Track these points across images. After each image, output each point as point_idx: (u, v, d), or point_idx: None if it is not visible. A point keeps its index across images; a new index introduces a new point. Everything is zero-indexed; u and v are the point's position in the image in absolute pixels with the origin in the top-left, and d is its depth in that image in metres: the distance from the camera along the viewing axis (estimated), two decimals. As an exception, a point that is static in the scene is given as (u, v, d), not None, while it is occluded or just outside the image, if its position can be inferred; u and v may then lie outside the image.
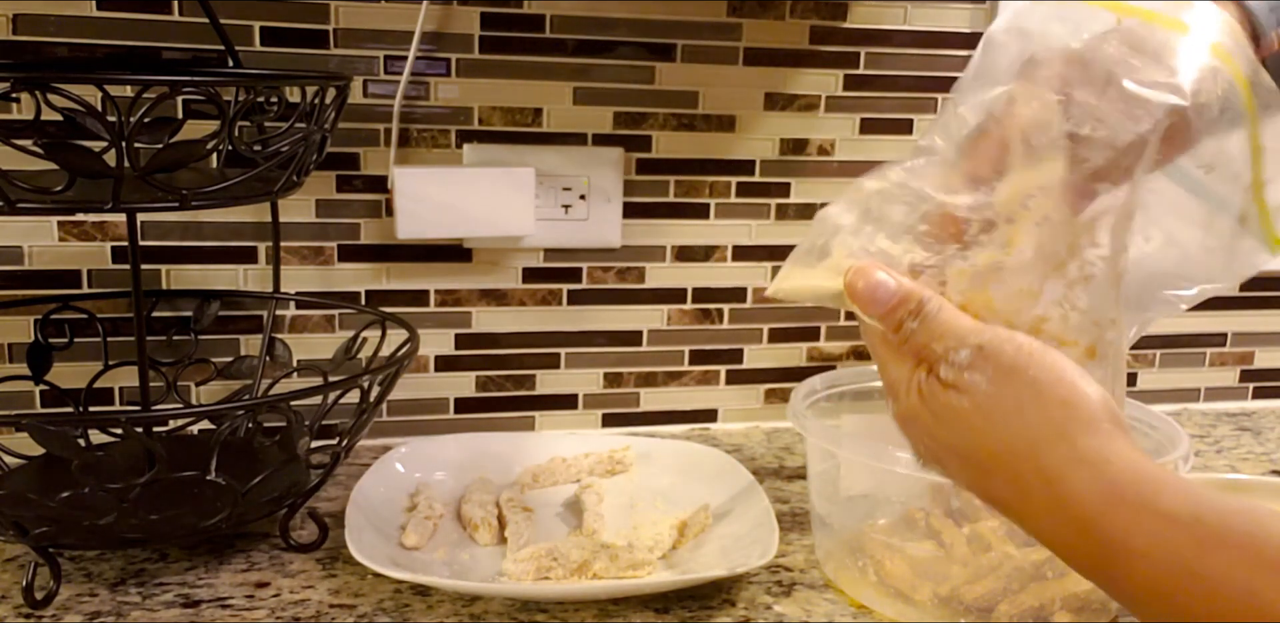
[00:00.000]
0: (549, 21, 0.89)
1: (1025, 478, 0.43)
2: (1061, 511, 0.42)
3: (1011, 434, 0.43)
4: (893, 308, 0.47)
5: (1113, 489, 0.40)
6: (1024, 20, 0.51)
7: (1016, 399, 0.43)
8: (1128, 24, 0.49)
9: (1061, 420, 0.43)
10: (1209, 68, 0.48)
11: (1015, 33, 0.51)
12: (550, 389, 0.97)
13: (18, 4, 0.79)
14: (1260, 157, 0.51)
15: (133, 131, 0.58)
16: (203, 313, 0.85)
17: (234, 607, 0.66)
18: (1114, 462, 0.41)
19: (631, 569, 0.69)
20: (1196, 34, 0.49)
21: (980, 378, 0.44)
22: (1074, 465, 0.42)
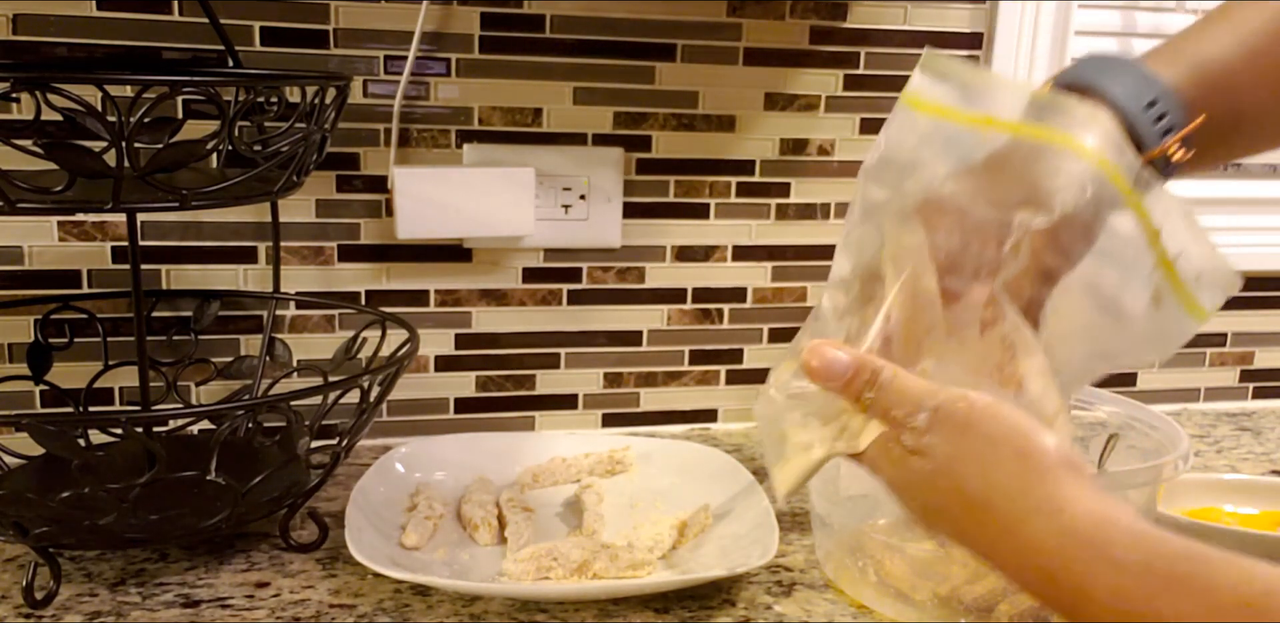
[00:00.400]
0: (549, 21, 0.89)
1: (990, 529, 0.45)
2: (1025, 559, 0.44)
3: (972, 490, 0.45)
4: (849, 381, 0.49)
5: (1068, 538, 0.43)
6: (892, 152, 0.53)
7: (975, 456, 0.45)
8: (999, 139, 0.52)
9: (1018, 472, 0.45)
10: (1079, 173, 0.50)
11: (883, 168, 0.53)
12: (550, 389, 0.97)
13: (18, 4, 0.79)
14: (1157, 239, 0.52)
15: (133, 131, 0.58)
16: (203, 313, 0.85)
17: (234, 607, 0.66)
18: (1067, 510, 0.43)
19: (631, 569, 0.69)
20: (1067, 140, 0.50)
21: (938, 440, 0.46)
22: (1031, 515, 0.44)
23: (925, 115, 0.52)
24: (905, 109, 0.53)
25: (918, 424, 0.47)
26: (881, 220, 0.53)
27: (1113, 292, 0.52)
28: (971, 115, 0.52)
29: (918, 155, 0.52)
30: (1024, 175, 0.50)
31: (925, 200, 0.51)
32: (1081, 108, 0.50)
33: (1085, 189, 0.50)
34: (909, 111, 0.53)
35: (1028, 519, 0.43)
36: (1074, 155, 0.50)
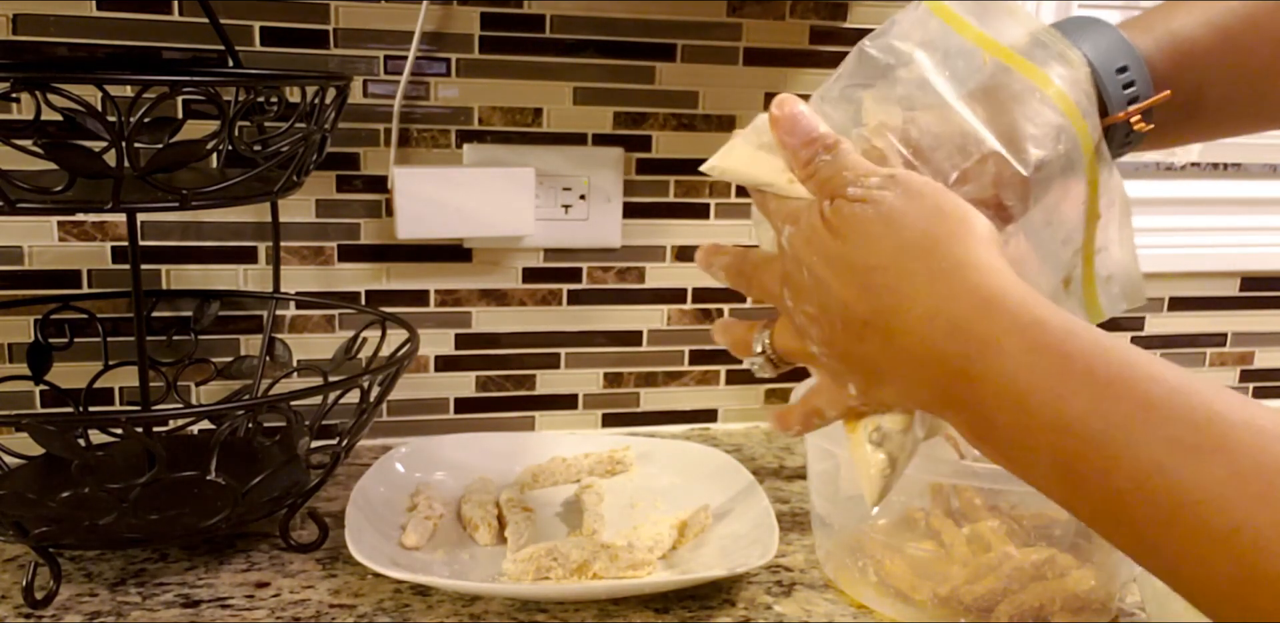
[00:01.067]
0: (549, 21, 0.89)
1: (912, 279, 0.44)
2: (939, 308, 0.43)
3: (909, 239, 0.44)
4: (810, 140, 0.48)
5: (998, 293, 0.42)
6: (898, 39, 0.53)
7: (920, 212, 0.45)
8: (992, 65, 0.51)
9: (960, 233, 0.44)
10: (1057, 125, 0.50)
11: (886, 49, 0.53)
12: (550, 389, 0.97)
13: (18, 4, 0.79)
14: (1094, 224, 0.53)
15: (133, 131, 0.58)
16: (203, 313, 0.85)
17: (234, 607, 0.66)
18: (1005, 274, 0.43)
19: (631, 569, 0.69)
20: (1055, 89, 0.50)
21: (889, 194, 0.45)
22: (965, 268, 0.43)
23: (938, 19, 0.52)
24: (923, 7, 0.53)
25: (870, 183, 0.46)
26: (863, 96, 0.52)
27: (1032, 257, 0.52)
28: (977, 32, 0.52)
29: (916, 54, 0.52)
30: (1005, 113, 0.50)
31: (914, 94, 0.51)
32: (1070, 52, 0.51)
33: (1059, 143, 0.50)
34: (926, 11, 0.53)
35: (959, 269, 0.43)
36: (1052, 103, 0.50)
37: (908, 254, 0.44)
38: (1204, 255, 1.10)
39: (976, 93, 0.51)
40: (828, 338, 0.47)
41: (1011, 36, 0.52)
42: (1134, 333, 1.11)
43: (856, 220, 0.45)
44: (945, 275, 0.43)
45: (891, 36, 0.53)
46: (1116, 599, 0.68)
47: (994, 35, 0.52)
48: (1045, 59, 0.51)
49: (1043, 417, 0.39)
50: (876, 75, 0.52)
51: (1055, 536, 0.67)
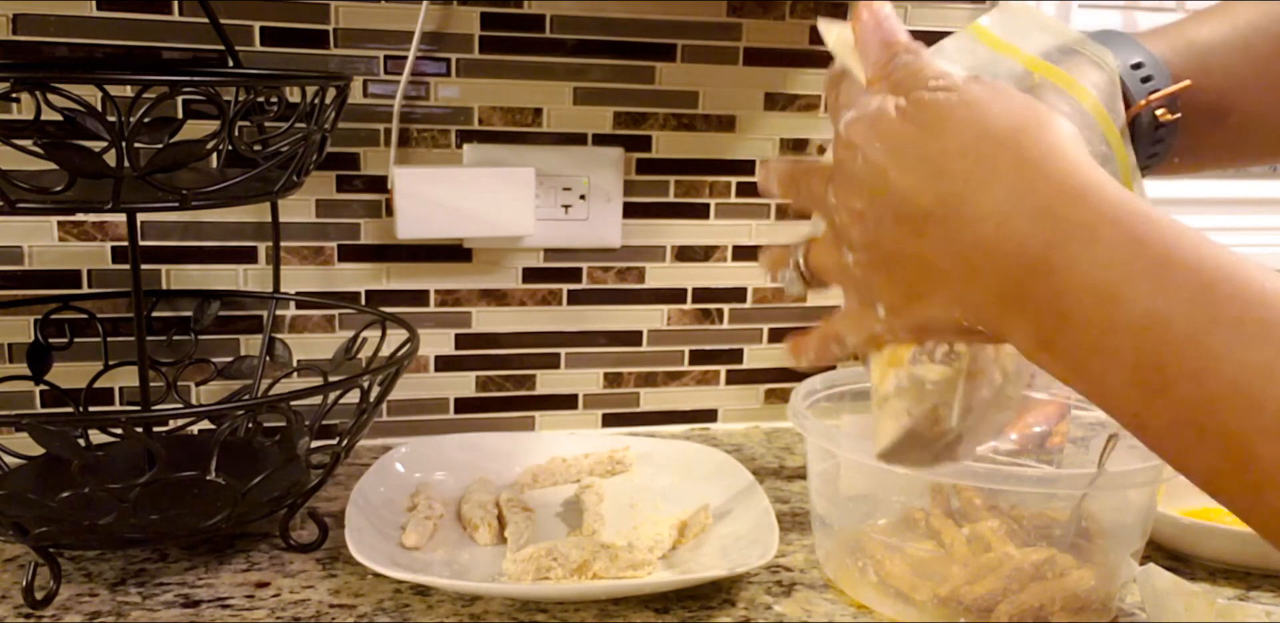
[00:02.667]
0: (549, 21, 0.89)
1: (994, 164, 0.40)
2: (1027, 192, 0.39)
3: (993, 125, 0.40)
4: (892, 42, 0.45)
5: (1094, 182, 0.38)
6: (942, 50, 0.53)
7: (1006, 103, 0.41)
8: (1039, 80, 0.51)
9: (1050, 125, 0.41)
10: (1094, 130, 0.50)
11: (934, 52, 0.52)
12: (550, 389, 0.97)
13: (18, 4, 0.79)
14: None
15: (133, 131, 0.58)
16: (203, 313, 0.85)
17: (234, 607, 0.66)
18: (1097, 167, 0.39)
19: (631, 569, 0.69)
20: (1092, 100, 0.50)
21: (975, 86, 0.42)
22: (1054, 157, 0.39)
23: (984, 44, 0.53)
24: (967, 34, 0.54)
25: (952, 79, 0.42)
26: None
27: None
28: (1026, 55, 0.52)
29: (957, 57, 0.53)
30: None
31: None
32: (1104, 56, 0.51)
33: (1095, 147, 0.50)
34: (972, 37, 0.54)
35: (1048, 157, 0.39)
36: (1076, 99, 0.50)
37: (991, 140, 0.40)
38: (1204, 255, 1.10)
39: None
40: (872, 238, 0.43)
41: (1045, 47, 0.52)
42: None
43: (936, 106, 0.42)
44: (1034, 162, 0.39)
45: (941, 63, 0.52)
46: (1116, 599, 0.68)
47: (1037, 53, 0.52)
48: (1079, 70, 0.51)
49: (1134, 312, 0.35)
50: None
51: (1055, 536, 0.67)
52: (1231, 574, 0.73)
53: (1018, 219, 0.38)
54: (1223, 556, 0.73)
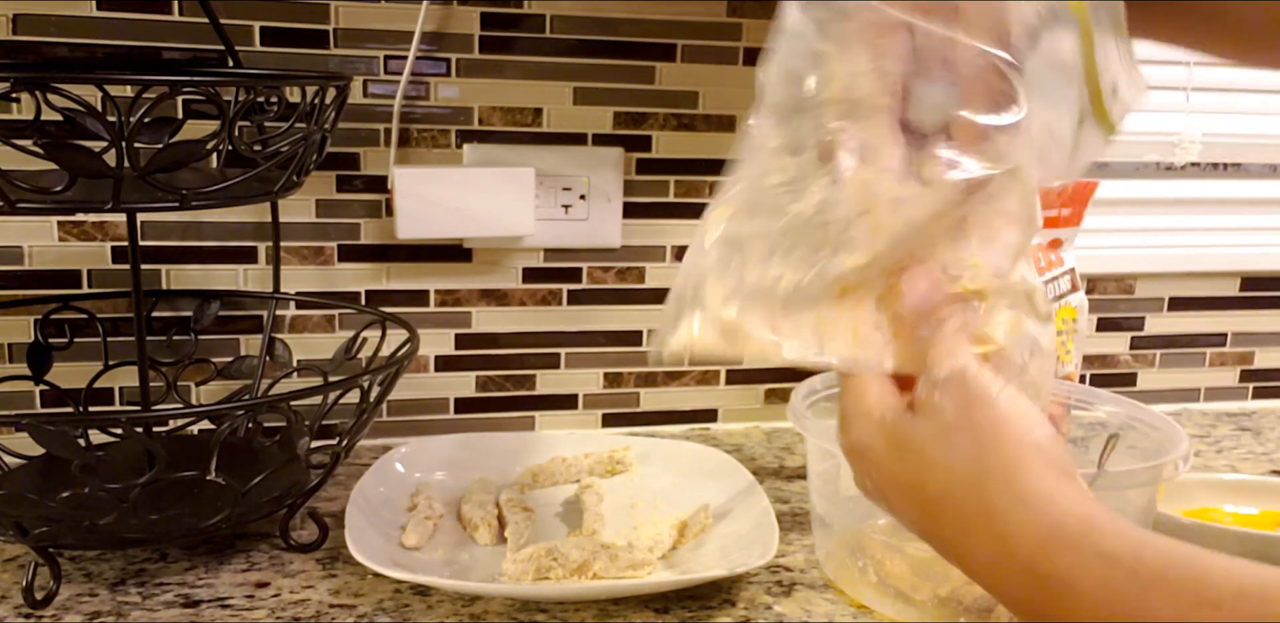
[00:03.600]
0: (549, 21, 0.89)
1: (969, 515, 0.43)
2: (1003, 548, 0.42)
3: (963, 470, 0.43)
4: (927, 313, 0.47)
5: (1055, 529, 0.41)
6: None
7: (975, 435, 0.43)
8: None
9: (1014, 462, 0.43)
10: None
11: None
12: (550, 389, 0.97)
13: (18, 4, 0.79)
14: (1090, 41, 0.49)
15: (133, 131, 0.58)
16: (203, 313, 0.85)
17: (234, 607, 0.66)
18: (1059, 503, 0.42)
19: (631, 569, 0.69)
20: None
21: (949, 403, 0.44)
22: (1018, 505, 0.42)
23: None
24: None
25: (937, 376, 0.44)
26: (817, 46, 0.47)
27: (1056, 126, 0.50)
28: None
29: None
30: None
31: (871, 19, 0.46)
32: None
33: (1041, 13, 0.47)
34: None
35: (1014, 507, 0.42)
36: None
37: (960, 491, 0.43)
38: (1204, 255, 1.10)
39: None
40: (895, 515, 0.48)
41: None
42: (1134, 333, 1.11)
43: (910, 441, 0.45)
44: (1003, 515, 0.42)
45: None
46: (1116, 599, 0.68)
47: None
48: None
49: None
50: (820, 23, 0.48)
51: (1055, 536, 0.67)
52: (1231, 574, 0.73)
53: (1006, 573, 0.42)
54: (1223, 556, 0.73)
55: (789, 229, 0.48)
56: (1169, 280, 1.10)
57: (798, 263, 0.47)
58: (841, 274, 0.47)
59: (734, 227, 0.49)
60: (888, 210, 0.46)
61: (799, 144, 0.48)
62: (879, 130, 0.46)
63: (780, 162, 0.48)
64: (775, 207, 0.48)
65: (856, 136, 0.46)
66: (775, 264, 0.48)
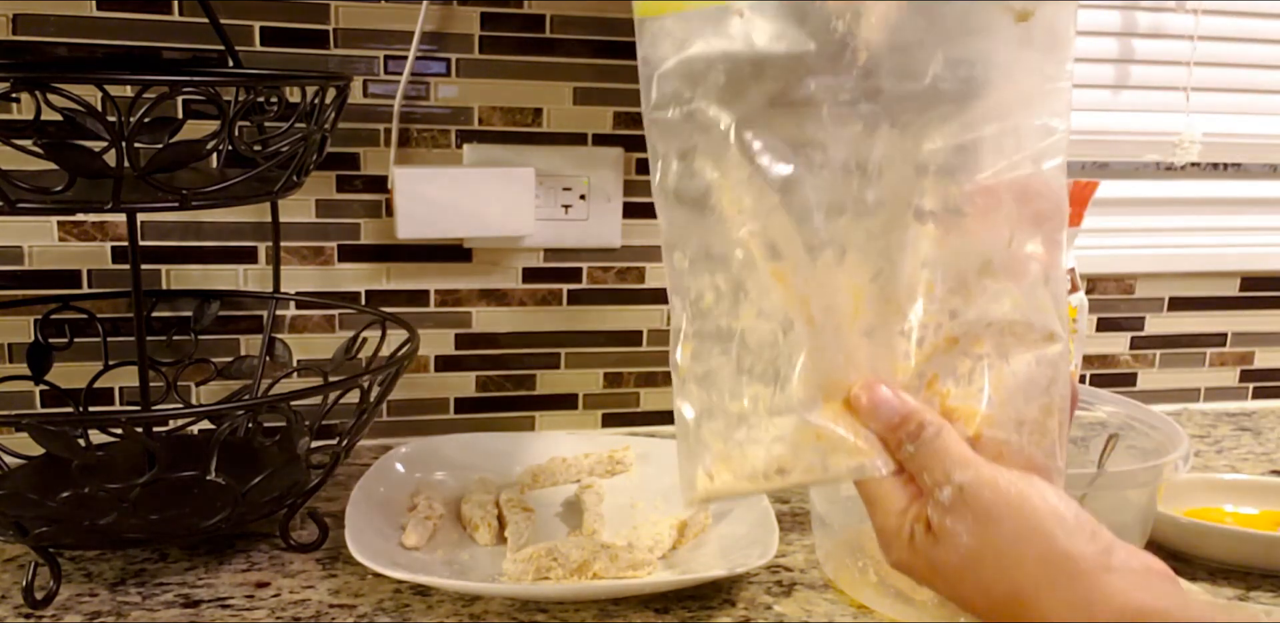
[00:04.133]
0: (549, 21, 0.89)
1: (1025, 619, 0.44)
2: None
3: (1000, 590, 0.44)
4: (895, 427, 0.47)
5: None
6: (666, 79, 0.50)
7: (997, 557, 0.44)
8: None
9: (1042, 576, 0.44)
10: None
11: (670, 99, 0.50)
12: (550, 389, 0.97)
13: (18, 4, 0.79)
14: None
15: (133, 131, 0.58)
16: (203, 313, 0.85)
17: (234, 607, 0.66)
18: (1098, 605, 0.42)
19: (631, 569, 0.69)
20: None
21: (961, 528, 0.45)
22: (1062, 612, 0.43)
23: (669, 16, 0.47)
24: (644, 22, 0.48)
25: (943, 499, 0.45)
26: (707, 176, 0.49)
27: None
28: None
29: (689, 67, 0.48)
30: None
31: (743, 114, 0.47)
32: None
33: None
34: (649, 22, 0.48)
35: (1060, 615, 0.43)
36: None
37: (1007, 607, 0.44)
38: (1204, 255, 1.10)
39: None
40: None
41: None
42: (1134, 333, 1.11)
43: (943, 565, 0.46)
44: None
45: (658, 89, 0.50)
46: (1116, 599, 0.68)
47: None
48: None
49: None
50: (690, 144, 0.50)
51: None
52: (1231, 574, 0.73)
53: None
54: (1222, 556, 0.73)
55: (743, 347, 0.49)
56: (1169, 280, 1.10)
57: (762, 377, 0.49)
58: (805, 377, 0.48)
59: (698, 366, 0.50)
60: (817, 298, 0.48)
61: (716, 256, 0.49)
62: (779, 222, 0.48)
63: (705, 279, 0.49)
64: (722, 329, 0.49)
65: (762, 236, 0.48)
66: (745, 385, 0.49)
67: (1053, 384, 0.49)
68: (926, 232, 0.48)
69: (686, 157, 0.49)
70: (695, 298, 0.49)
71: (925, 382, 0.49)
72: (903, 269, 0.48)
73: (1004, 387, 0.49)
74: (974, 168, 0.48)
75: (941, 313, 0.48)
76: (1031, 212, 0.48)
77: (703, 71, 0.47)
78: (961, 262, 0.48)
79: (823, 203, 0.47)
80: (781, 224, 0.48)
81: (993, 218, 0.48)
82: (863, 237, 0.48)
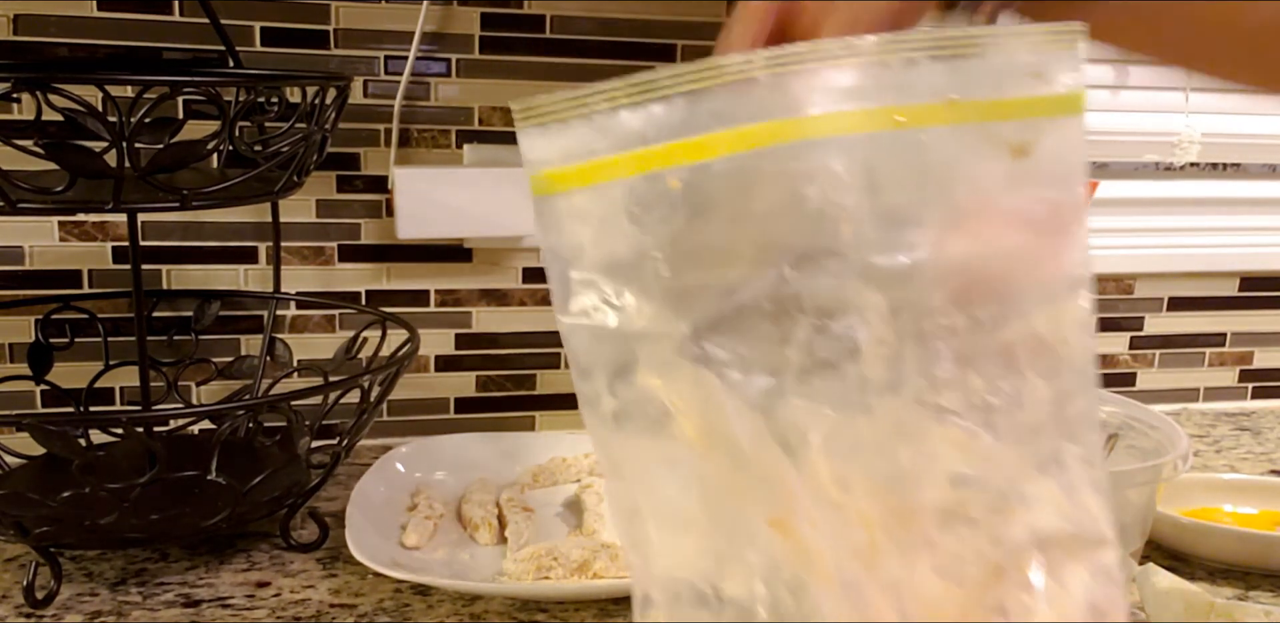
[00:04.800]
0: (549, 21, 0.89)
1: None
2: None
3: None
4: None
5: None
6: (572, 262, 0.39)
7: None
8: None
9: None
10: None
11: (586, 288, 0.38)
12: (550, 389, 0.97)
13: (18, 4, 0.79)
14: None
15: (133, 132, 0.58)
16: (203, 313, 0.85)
17: (234, 607, 0.66)
18: None
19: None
20: None
21: None
22: None
23: (577, 191, 0.38)
24: (544, 201, 0.38)
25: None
26: (642, 382, 0.37)
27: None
28: (637, 153, 0.37)
29: (616, 259, 0.36)
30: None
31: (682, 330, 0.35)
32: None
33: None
34: (551, 201, 0.38)
35: None
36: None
37: None
38: (1203, 255, 1.11)
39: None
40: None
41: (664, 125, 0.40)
42: (1134, 333, 1.11)
43: None
44: None
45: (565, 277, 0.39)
46: (1116, 599, 0.68)
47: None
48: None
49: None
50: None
51: (1055, 535, 0.67)
52: (1231, 574, 0.73)
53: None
54: (1222, 555, 0.73)
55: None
56: (1168, 280, 1.10)
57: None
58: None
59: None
60: (830, 547, 0.36)
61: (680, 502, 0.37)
62: (769, 455, 0.36)
63: (674, 535, 0.38)
64: (705, 596, 0.37)
65: (747, 473, 0.36)
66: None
67: (1113, 606, 0.38)
68: (948, 436, 0.37)
69: (625, 374, 0.37)
70: (657, 552, 0.37)
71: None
72: (924, 487, 0.37)
73: (1067, 618, 0.38)
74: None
75: (982, 538, 0.37)
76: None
77: (635, 264, 0.36)
78: (997, 467, 0.37)
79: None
80: (769, 453, 0.36)
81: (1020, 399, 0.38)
82: (866, 446, 0.37)
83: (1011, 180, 0.36)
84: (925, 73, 0.35)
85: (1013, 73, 0.36)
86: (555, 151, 0.37)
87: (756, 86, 0.34)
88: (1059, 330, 0.37)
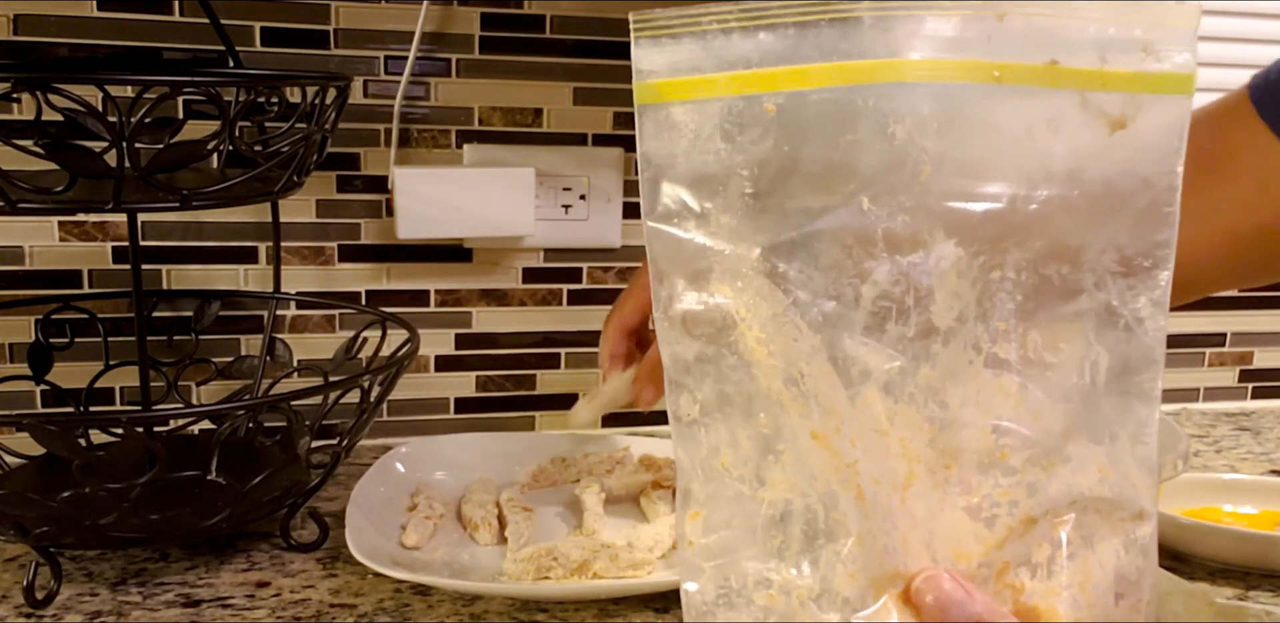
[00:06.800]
0: (549, 21, 0.89)
1: None
2: None
3: None
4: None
5: None
6: (676, 178, 0.40)
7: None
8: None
9: None
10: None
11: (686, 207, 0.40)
12: (550, 389, 0.97)
13: (18, 4, 0.79)
14: None
15: (133, 132, 0.58)
16: (203, 313, 0.85)
17: (234, 607, 0.66)
18: None
19: (631, 569, 0.69)
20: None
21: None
22: None
23: (675, 103, 0.38)
24: (644, 109, 0.38)
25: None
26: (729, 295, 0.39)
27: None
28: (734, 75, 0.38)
29: (703, 172, 0.38)
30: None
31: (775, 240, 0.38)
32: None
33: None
34: (651, 110, 0.38)
35: None
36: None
37: None
38: (1203, 255, 1.10)
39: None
40: None
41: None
42: (1133, 333, 1.11)
43: None
44: None
45: (665, 192, 0.41)
46: (1116, 599, 0.68)
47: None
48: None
49: None
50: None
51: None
52: (1231, 574, 0.73)
53: None
54: (1222, 555, 0.73)
55: (772, 523, 0.39)
56: (1168, 280, 1.10)
57: (796, 561, 0.39)
58: (854, 568, 0.38)
59: (711, 539, 0.40)
60: (867, 466, 0.38)
61: (737, 406, 0.40)
62: (820, 371, 0.38)
63: (721, 433, 0.40)
64: (744, 496, 0.40)
65: (799, 387, 0.38)
66: (775, 570, 0.39)
67: (1143, 577, 0.40)
68: (1000, 386, 0.39)
69: (698, 281, 0.39)
70: (708, 455, 0.40)
71: (995, 571, 0.40)
72: (969, 431, 0.39)
73: (1091, 583, 0.40)
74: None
75: (1019, 487, 0.39)
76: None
77: (722, 179, 0.38)
78: (1044, 423, 0.39)
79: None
80: (823, 374, 0.38)
81: (1080, 363, 0.40)
82: (921, 389, 0.39)
83: (1104, 150, 0.38)
84: (1030, 33, 0.37)
85: (1122, 44, 0.37)
86: (663, 64, 0.38)
87: (861, 26, 0.36)
88: (1130, 304, 0.39)
